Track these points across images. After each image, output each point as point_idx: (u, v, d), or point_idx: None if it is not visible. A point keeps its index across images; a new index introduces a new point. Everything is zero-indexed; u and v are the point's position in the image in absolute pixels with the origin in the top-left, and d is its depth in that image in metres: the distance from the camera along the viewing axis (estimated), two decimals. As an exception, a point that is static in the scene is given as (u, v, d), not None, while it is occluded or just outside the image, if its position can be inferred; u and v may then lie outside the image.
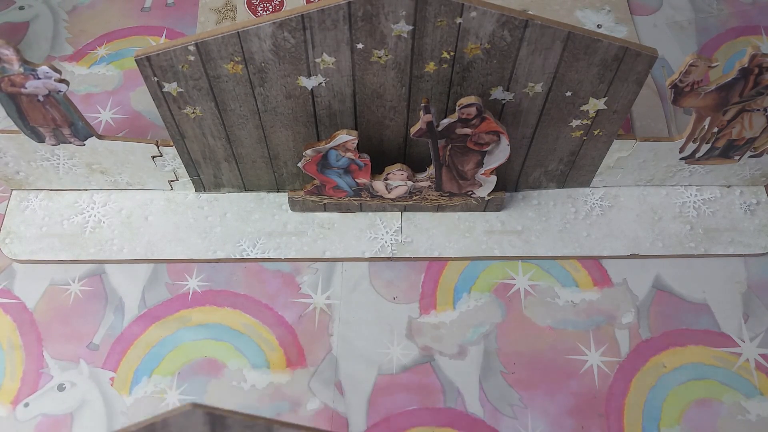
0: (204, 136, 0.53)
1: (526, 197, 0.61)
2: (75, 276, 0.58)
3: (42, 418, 0.52)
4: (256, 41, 0.45)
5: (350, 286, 0.57)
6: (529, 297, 0.56)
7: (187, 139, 0.53)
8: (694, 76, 0.47)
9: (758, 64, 0.46)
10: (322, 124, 0.52)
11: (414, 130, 0.50)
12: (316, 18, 0.44)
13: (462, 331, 0.55)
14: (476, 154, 0.52)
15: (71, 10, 0.76)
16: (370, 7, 0.43)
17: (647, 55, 0.45)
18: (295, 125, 0.52)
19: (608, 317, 0.55)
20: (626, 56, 0.45)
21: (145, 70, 0.46)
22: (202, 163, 0.56)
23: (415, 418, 0.51)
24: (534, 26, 0.43)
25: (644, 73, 0.46)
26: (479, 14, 0.43)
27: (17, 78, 0.48)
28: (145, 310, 0.56)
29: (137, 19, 0.75)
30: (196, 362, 0.54)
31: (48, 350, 0.55)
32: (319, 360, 0.54)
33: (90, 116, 0.67)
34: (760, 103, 0.50)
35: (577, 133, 0.53)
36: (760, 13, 0.75)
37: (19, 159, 0.56)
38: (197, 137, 0.53)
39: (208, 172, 0.58)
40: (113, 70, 0.71)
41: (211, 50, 0.45)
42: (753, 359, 0.53)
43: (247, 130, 0.53)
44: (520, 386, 0.53)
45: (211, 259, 0.58)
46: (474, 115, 0.48)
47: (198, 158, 0.56)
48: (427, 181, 0.55)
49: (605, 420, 0.51)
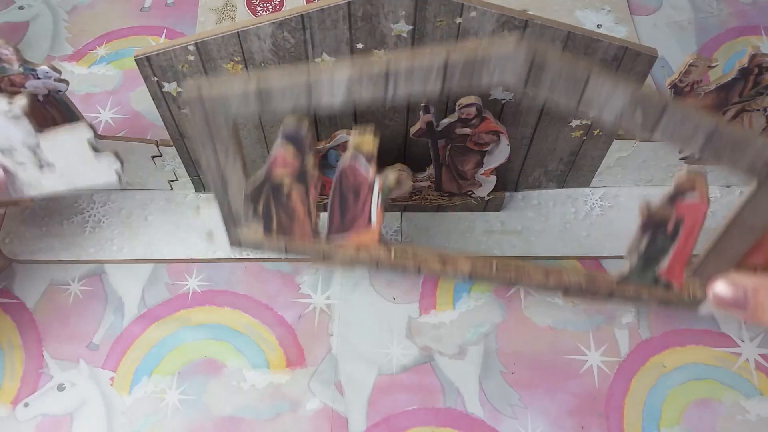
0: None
1: (525, 197, 0.61)
2: (75, 276, 0.58)
3: (42, 418, 0.52)
4: (255, 41, 0.45)
5: (350, 286, 0.57)
6: (529, 297, 0.56)
7: (187, 139, 0.53)
8: (694, 76, 0.47)
9: (758, 64, 0.46)
10: (322, 124, 0.53)
11: (414, 130, 0.50)
12: (315, 18, 0.44)
13: (462, 331, 0.55)
14: (476, 154, 0.52)
15: (71, 10, 0.76)
16: (370, 7, 0.43)
17: (647, 55, 0.45)
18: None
19: (608, 317, 0.55)
20: (626, 56, 0.45)
21: (144, 70, 0.46)
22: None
23: (415, 418, 0.51)
24: (534, 26, 0.43)
25: (644, 72, 0.46)
26: (479, 14, 0.43)
27: (17, 78, 0.48)
28: (145, 310, 0.56)
29: (137, 19, 0.75)
30: (196, 362, 0.54)
31: (48, 350, 0.55)
32: (319, 360, 0.54)
33: (90, 116, 0.67)
34: (759, 104, 0.50)
35: (577, 133, 0.53)
36: (760, 13, 0.75)
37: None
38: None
39: (208, 172, 0.58)
40: (113, 70, 0.71)
41: (210, 50, 0.45)
42: (753, 359, 0.53)
43: (247, 129, 0.53)
44: (520, 386, 0.53)
45: (211, 259, 0.58)
46: (474, 115, 0.48)
47: (198, 158, 0.56)
48: (426, 181, 0.55)
49: (605, 420, 0.51)
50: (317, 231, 0.47)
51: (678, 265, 0.43)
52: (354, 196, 0.45)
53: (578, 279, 0.45)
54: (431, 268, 0.46)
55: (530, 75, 0.33)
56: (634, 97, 0.33)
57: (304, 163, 0.43)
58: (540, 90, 0.34)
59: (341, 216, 0.45)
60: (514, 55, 0.32)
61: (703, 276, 0.43)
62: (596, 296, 0.46)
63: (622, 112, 0.34)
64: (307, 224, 0.46)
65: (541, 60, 0.32)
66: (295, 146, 0.42)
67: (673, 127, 0.34)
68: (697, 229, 0.41)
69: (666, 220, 0.41)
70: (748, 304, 0.41)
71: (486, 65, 0.33)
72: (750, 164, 0.35)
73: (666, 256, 0.43)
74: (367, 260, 0.47)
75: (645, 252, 0.43)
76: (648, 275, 0.44)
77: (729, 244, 0.40)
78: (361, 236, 0.46)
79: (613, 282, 0.45)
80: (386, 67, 0.34)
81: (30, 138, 0.45)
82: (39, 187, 0.49)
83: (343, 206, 0.45)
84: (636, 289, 0.45)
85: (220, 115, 0.39)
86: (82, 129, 0.44)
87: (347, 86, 0.36)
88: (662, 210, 0.40)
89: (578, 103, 0.34)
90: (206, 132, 0.40)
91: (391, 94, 0.36)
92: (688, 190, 0.40)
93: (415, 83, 0.35)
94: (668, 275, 0.44)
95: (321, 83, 0.36)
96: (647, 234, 0.42)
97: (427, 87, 0.35)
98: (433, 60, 0.34)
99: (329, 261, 0.48)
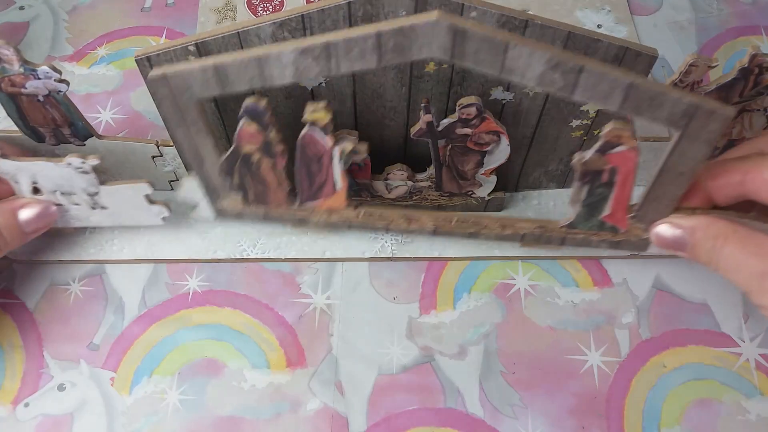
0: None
1: (526, 197, 0.61)
2: (75, 276, 0.58)
3: (42, 418, 0.52)
4: (256, 41, 0.45)
5: (350, 286, 0.57)
6: (530, 297, 0.56)
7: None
8: (694, 76, 0.47)
9: (758, 64, 0.46)
10: (322, 124, 0.53)
11: (414, 130, 0.50)
12: (316, 18, 0.44)
13: (462, 331, 0.55)
14: (476, 154, 0.52)
15: (71, 10, 0.76)
16: (370, 7, 0.43)
17: (647, 55, 0.45)
18: (295, 125, 0.52)
19: (608, 317, 0.55)
20: (626, 56, 0.45)
21: (145, 69, 0.46)
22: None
23: (415, 418, 0.51)
24: (534, 26, 0.43)
25: (644, 72, 0.46)
26: (479, 14, 0.43)
27: (17, 78, 0.48)
28: (145, 310, 0.56)
29: (137, 19, 0.75)
30: (196, 362, 0.54)
31: (48, 350, 0.55)
32: (319, 360, 0.54)
33: (90, 116, 0.67)
34: (760, 103, 0.50)
35: (577, 133, 0.53)
36: (760, 13, 0.75)
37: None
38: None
39: (208, 172, 0.58)
40: (113, 70, 0.71)
41: (211, 50, 0.45)
42: (753, 359, 0.53)
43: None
44: (520, 386, 0.53)
45: (211, 259, 0.58)
46: (474, 115, 0.48)
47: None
48: (427, 181, 0.55)
49: (605, 420, 0.51)
50: (291, 199, 0.51)
51: (620, 210, 0.47)
52: (317, 165, 0.48)
53: (531, 228, 0.50)
54: (398, 226, 0.52)
55: (455, 47, 0.36)
56: (550, 60, 0.36)
57: (268, 136, 0.46)
58: (465, 61, 0.36)
59: (309, 184, 0.50)
60: (437, 26, 0.35)
61: (645, 220, 0.47)
62: (550, 243, 0.51)
63: (542, 76, 0.37)
64: (280, 193, 0.50)
65: (462, 29, 0.35)
66: (257, 122, 0.45)
67: (591, 86, 0.37)
68: (632, 175, 0.45)
69: (601, 171, 0.45)
70: (686, 243, 0.45)
71: (414, 39, 0.36)
72: (669, 116, 0.38)
73: (607, 202, 0.47)
74: (338, 222, 0.52)
75: (586, 200, 0.47)
76: (593, 221, 0.49)
77: (664, 189, 0.44)
78: (330, 201, 0.51)
79: (563, 230, 0.50)
80: (326, 42, 0.37)
81: (92, 188, 0.51)
82: (86, 221, 0.54)
83: (310, 175, 0.49)
84: (585, 234, 0.50)
85: (186, 98, 0.42)
86: (142, 186, 0.51)
87: (294, 62, 0.38)
88: (595, 162, 0.44)
89: (500, 71, 0.37)
90: (176, 114, 0.44)
91: (335, 69, 0.38)
92: (616, 144, 0.43)
93: (354, 59, 0.38)
94: (612, 220, 0.48)
95: (270, 60, 0.39)
96: (585, 185, 0.46)
97: (365, 63, 0.38)
98: (367, 34, 0.36)
99: (305, 226, 0.53)
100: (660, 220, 0.47)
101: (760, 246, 0.42)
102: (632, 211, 0.47)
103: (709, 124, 0.39)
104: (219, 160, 0.48)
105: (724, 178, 0.46)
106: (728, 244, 0.43)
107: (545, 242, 0.51)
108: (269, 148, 0.47)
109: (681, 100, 0.37)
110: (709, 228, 0.44)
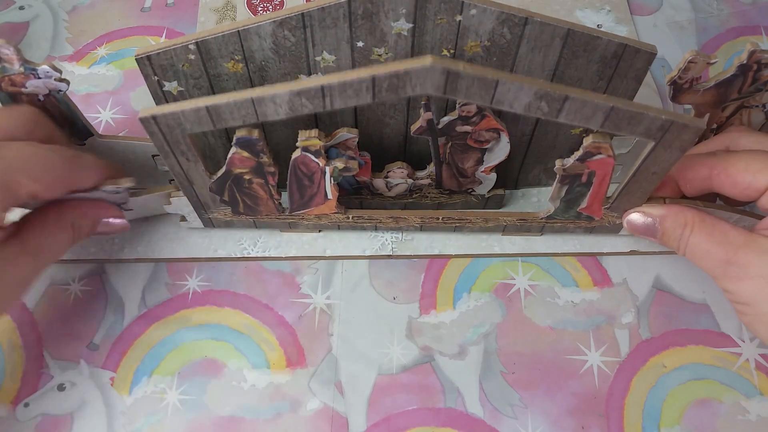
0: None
1: (525, 194, 0.61)
2: (75, 276, 0.58)
3: (42, 418, 0.52)
4: (256, 40, 0.45)
5: (350, 286, 0.57)
6: (529, 297, 0.56)
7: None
8: (693, 72, 0.47)
9: (757, 60, 0.46)
10: (323, 123, 0.53)
11: (414, 128, 0.50)
12: (316, 16, 0.44)
13: (462, 331, 0.55)
14: (476, 151, 0.52)
15: (71, 10, 0.77)
16: (370, 5, 0.43)
17: (646, 52, 0.45)
18: (295, 124, 0.52)
19: (608, 317, 0.55)
20: (625, 53, 0.45)
21: (145, 69, 0.46)
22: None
23: (415, 418, 0.51)
24: (533, 23, 0.43)
25: (643, 69, 0.46)
26: (479, 12, 0.43)
27: (18, 77, 0.48)
28: (145, 310, 0.56)
29: (137, 19, 0.76)
30: (196, 362, 0.54)
31: (48, 350, 0.54)
32: (319, 360, 0.54)
33: (90, 116, 0.67)
34: (758, 100, 0.50)
35: (576, 131, 0.53)
36: (760, 13, 0.75)
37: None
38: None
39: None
40: (113, 70, 0.71)
41: (211, 49, 0.45)
42: (753, 359, 0.53)
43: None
44: (520, 386, 0.52)
45: (211, 259, 0.58)
46: (474, 113, 0.48)
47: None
48: (427, 178, 0.55)
49: (605, 420, 0.51)
50: (281, 208, 0.53)
51: (596, 204, 0.51)
52: (309, 181, 0.51)
53: (512, 220, 0.55)
54: (386, 224, 0.56)
55: (447, 84, 0.38)
56: (537, 93, 0.38)
57: (260, 162, 0.48)
58: (457, 96, 0.39)
59: (300, 196, 0.52)
60: (431, 70, 0.37)
61: (618, 210, 0.51)
62: (530, 231, 0.56)
63: (528, 106, 0.39)
64: (270, 203, 0.52)
65: (455, 71, 0.37)
66: (248, 150, 0.47)
67: (574, 111, 0.40)
68: (608, 177, 0.48)
69: (580, 174, 0.48)
70: (657, 231, 0.49)
71: (408, 81, 0.38)
72: (645, 131, 0.41)
73: (584, 198, 0.50)
74: (328, 223, 0.55)
75: (565, 197, 0.50)
76: (571, 213, 0.52)
77: (637, 185, 0.48)
78: (320, 208, 0.54)
79: (543, 220, 0.54)
80: (320, 85, 0.39)
81: (123, 203, 0.53)
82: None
83: (301, 188, 0.51)
84: (563, 223, 0.54)
85: (177, 132, 0.44)
86: (165, 195, 0.54)
87: (288, 102, 0.40)
88: (575, 168, 0.47)
89: (490, 103, 0.39)
90: (166, 147, 0.46)
91: (329, 106, 0.40)
92: (595, 153, 0.46)
93: (348, 98, 0.40)
94: (588, 211, 0.52)
95: (264, 100, 0.40)
96: (565, 185, 0.49)
97: (359, 100, 0.40)
98: (362, 78, 0.38)
99: (295, 229, 0.55)
100: (632, 209, 0.50)
101: (725, 234, 0.45)
102: (607, 202, 0.51)
103: (682, 135, 0.42)
104: (209, 182, 0.50)
105: (693, 173, 0.49)
106: (695, 233, 0.46)
107: (525, 231, 0.56)
108: (261, 169, 0.49)
109: (658, 117, 0.40)
110: (678, 216, 0.47)
